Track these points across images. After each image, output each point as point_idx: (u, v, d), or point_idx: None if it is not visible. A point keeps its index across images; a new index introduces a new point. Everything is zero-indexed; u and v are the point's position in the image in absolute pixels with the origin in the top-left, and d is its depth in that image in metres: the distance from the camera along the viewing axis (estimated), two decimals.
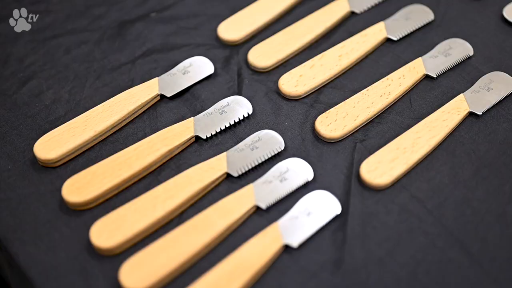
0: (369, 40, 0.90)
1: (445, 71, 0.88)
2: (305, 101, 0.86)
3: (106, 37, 0.94)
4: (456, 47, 0.89)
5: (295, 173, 0.78)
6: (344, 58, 0.88)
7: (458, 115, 0.82)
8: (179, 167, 0.81)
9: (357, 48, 0.89)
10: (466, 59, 0.89)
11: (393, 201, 0.77)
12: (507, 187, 0.78)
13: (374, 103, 0.84)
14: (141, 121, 0.85)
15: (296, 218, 0.75)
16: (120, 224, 0.75)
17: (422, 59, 0.88)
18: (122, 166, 0.79)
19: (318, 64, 0.88)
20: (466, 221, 0.76)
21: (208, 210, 0.76)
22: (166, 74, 0.88)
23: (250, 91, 0.87)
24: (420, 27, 0.93)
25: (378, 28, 0.92)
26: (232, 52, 0.91)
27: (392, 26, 0.92)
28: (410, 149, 0.80)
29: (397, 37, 0.91)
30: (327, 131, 0.82)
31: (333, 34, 0.93)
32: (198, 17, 0.96)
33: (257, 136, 0.81)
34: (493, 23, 0.93)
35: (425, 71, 0.87)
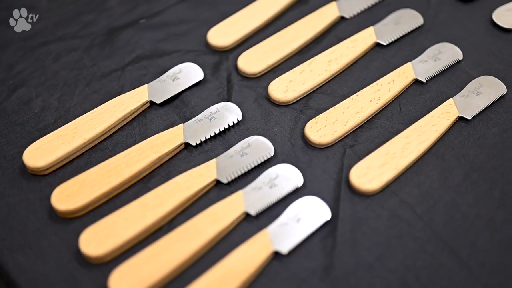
0: (359, 45, 0.90)
1: (435, 76, 0.88)
2: (295, 107, 0.86)
3: (96, 44, 0.93)
4: (446, 51, 0.89)
5: (285, 179, 0.78)
6: (333, 64, 0.88)
7: (448, 120, 0.82)
8: (169, 174, 0.80)
9: (347, 53, 0.89)
10: (455, 63, 0.89)
11: (383, 207, 0.77)
12: (496, 192, 0.78)
13: (363, 108, 0.84)
14: (131, 128, 0.85)
15: (286, 225, 0.75)
16: (109, 232, 0.75)
17: (412, 64, 0.88)
18: (111, 173, 0.79)
19: (307, 69, 0.88)
20: (456, 226, 0.76)
21: (198, 217, 0.76)
22: (155, 81, 0.88)
23: (239, 97, 0.87)
24: (409, 32, 0.93)
25: (368, 33, 0.91)
26: (221, 58, 0.91)
27: (381, 31, 0.92)
28: (400, 154, 0.79)
29: (387, 41, 0.91)
30: (317, 137, 0.82)
31: (323, 39, 0.93)
32: (188, 23, 0.96)
33: (247, 142, 0.81)
34: (482, 27, 0.93)
35: (414, 75, 0.87)
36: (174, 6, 0.98)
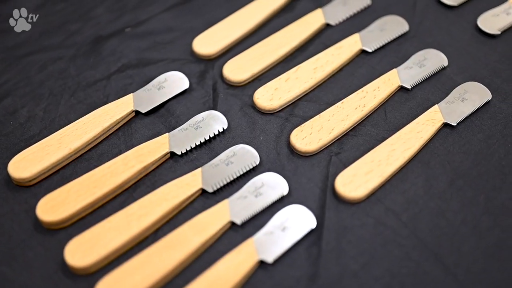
0: (344, 52, 0.90)
1: (420, 82, 0.88)
2: (281, 115, 0.86)
3: (81, 53, 0.93)
4: (431, 57, 0.89)
5: (270, 188, 0.78)
6: (319, 71, 0.88)
7: (433, 127, 0.82)
8: (154, 183, 0.80)
9: (332, 61, 0.89)
10: (440, 69, 0.89)
11: (368, 214, 0.77)
12: (481, 198, 0.78)
13: (349, 115, 0.84)
14: (116, 138, 0.85)
15: (271, 233, 0.75)
16: (94, 243, 0.75)
17: (397, 71, 0.88)
18: (96, 184, 0.79)
19: (293, 77, 0.88)
20: (441, 233, 0.76)
21: (183, 227, 0.76)
22: (141, 90, 0.88)
23: (225, 105, 0.87)
24: (395, 38, 0.93)
25: (353, 40, 0.92)
26: (207, 66, 0.91)
27: (367, 38, 0.92)
28: (385, 162, 0.80)
29: (372, 48, 0.91)
30: (302, 144, 0.82)
31: (309, 47, 0.93)
32: (173, 32, 0.96)
33: (232, 151, 0.81)
34: (467, 33, 0.93)
35: (400, 82, 0.87)
36: (160, 15, 0.98)
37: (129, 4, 0.99)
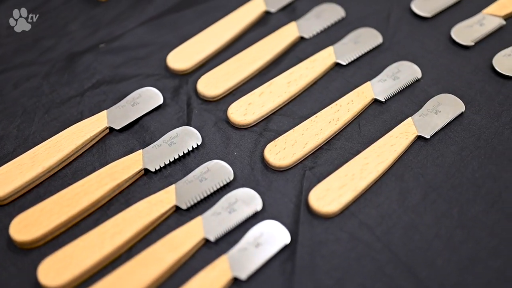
0: (318, 65, 0.90)
1: (394, 95, 0.88)
2: (255, 130, 0.86)
3: (55, 70, 0.93)
4: (404, 70, 0.90)
5: (244, 204, 0.78)
6: (292, 85, 0.88)
7: (406, 139, 0.82)
8: (128, 201, 0.80)
9: (306, 74, 0.89)
10: (414, 81, 0.89)
11: (342, 229, 0.77)
12: (455, 211, 0.78)
13: (322, 129, 0.84)
14: (90, 155, 0.84)
15: (245, 250, 0.75)
16: (68, 262, 0.75)
17: (371, 83, 0.88)
18: (70, 202, 0.78)
19: (267, 91, 0.88)
20: (415, 247, 0.76)
21: (157, 245, 0.76)
22: (114, 107, 0.87)
23: (199, 121, 0.87)
24: (369, 51, 0.93)
25: (327, 53, 0.92)
26: (181, 81, 0.91)
27: (341, 50, 0.92)
28: (359, 176, 0.80)
29: (346, 61, 0.91)
30: (276, 159, 0.82)
31: (283, 60, 0.93)
32: (148, 47, 0.95)
33: (206, 167, 0.81)
34: (441, 44, 0.94)
35: (373, 95, 0.87)
36: (134, 30, 0.98)
37: (104, 19, 0.99)
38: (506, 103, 0.87)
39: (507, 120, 0.85)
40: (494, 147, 0.83)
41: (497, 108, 0.86)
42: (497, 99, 0.87)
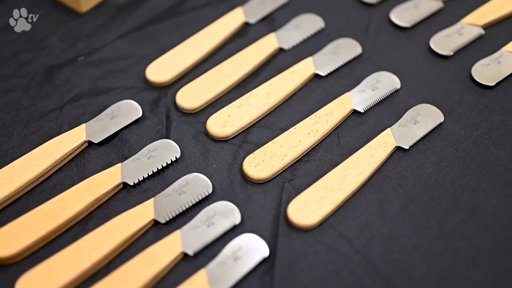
0: (297, 76, 0.90)
1: (373, 105, 0.88)
2: (234, 142, 0.86)
3: (34, 83, 0.93)
4: (384, 80, 0.90)
5: (223, 217, 0.78)
6: (272, 96, 0.88)
7: (385, 151, 0.82)
8: (107, 215, 0.80)
9: (285, 86, 0.89)
10: (393, 92, 0.89)
11: (321, 241, 0.77)
12: (434, 222, 0.78)
13: (301, 141, 0.84)
14: (69, 169, 0.84)
15: (223, 264, 0.75)
16: (46, 278, 0.74)
17: (350, 94, 0.88)
18: (48, 217, 0.78)
19: (246, 103, 0.87)
20: (393, 259, 0.76)
21: (135, 259, 0.75)
22: (93, 120, 0.87)
23: (178, 133, 0.87)
24: (348, 61, 0.93)
25: (306, 64, 0.92)
26: (160, 94, 0.91)
27: (320, 61, 0.92)
28: (337, 187, 0.79)
29: (325, 72, 0.91)
30: (255, 172, 0.81)
31: (262, 71, 0.93)
32: (127, 59, 0.95)
33: (185, 180, 0.81)
34: (420, 54, 0.94)
35: (352, 106, 0.87)
36: (113, 42, 0.98)
37: (83, 32, 0.99)
38: (485, 113, 0.87)
39: (486, 129, 0.85)
40: (473, 157, 0.83)
41: (476, 118, 0.87)
42: (476, 108, 0.87)
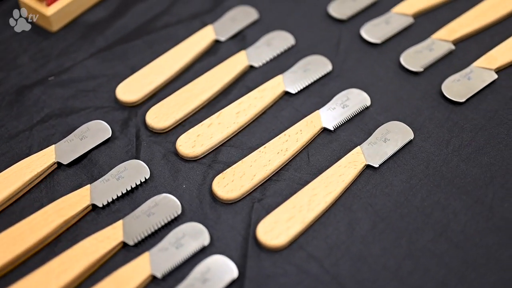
0: (267, 95, 0.90)
1: (343, 123, 0.88)
2: (203, 162, 0.85)
3: (4, 103, 0.92)
4: (354, 97, 0.90)
5: (192, 239, 0.78)
6: (241, 115, 0.88)
7: (355, 169, 0.82)
8: (76, 237, 0.80)
9: (255, 104, 0.89)
10: (363, 109, 0.89)
11: (290, 262, 0.77)
12: (403, 241, 0.78)
13: (271, 160, 0.83)
14: (38, 191, 0.84)
15: (192, 286, 0.75)
16: None
17: (320, 112, 0.88)
18: (16, 241, 0.78)
19: (215, 122, 0.87)
20: (363, 279, 0.76)
21: (104, 282, 0.75)
22: (63, 141, 0.87)
23: (148, 153, 0.86)
24: (318, 79, 0.93)
25: (277, 82, 0.91)
26: (130, 113, 0.91)
27: (290, 79, 0.92)
28: (307, 207, 0.79)
29: (296, 90, 0.91)
30: (224, 192, 0.81)
31: (232, 90, 0.92)
32: (97, 79, 0.95)
33: (154, 201, 0.81)
34: (391, 70, 0.94)
35: (322, 124, 0.87)
36: (84, 61, 0.97)
37: (54, 51, 0.98)
38: (455, 130, 0.87)
39: (456, 147, 0.85)
40: (442, 175, 0.83)
41: (446, 135, 0.87)
42: (446, 125, 0.87)
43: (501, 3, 0.98)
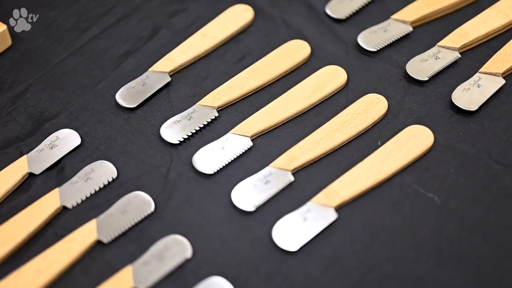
0: (75, 246, 0.80)
1: (160, 281, 0.79)
2: None
3: None
4: (173, 247, 0.80)
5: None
6: (42, 275, 0.78)
7: None
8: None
9: (60, 261, 0.79)
10: (183, 263, 0.79)
11: None
12: None
13: None
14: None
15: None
16: None
17: (133, 268, 0.78)
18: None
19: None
20: None
21: None
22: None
23: None
24: (138, 222, 0.83)
25: (88, 229, 0.81)
26: None
27: (105, 224, 0.82)
28: None
29: (109, 238, 0.81)
30: None
31: (39, 239, 0.82)
32: None
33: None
34: (222, 210, 0.84)
35: (133, 284, 0.77)
36: None
37: None
38: None
39: None
40: None
41: None
42: None
43: None
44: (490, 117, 0.89)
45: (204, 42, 0.98)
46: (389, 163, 0.86)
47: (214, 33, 0.98)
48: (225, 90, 0.92)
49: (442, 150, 0.87)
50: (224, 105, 0.92)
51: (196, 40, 0.98)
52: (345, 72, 0.93)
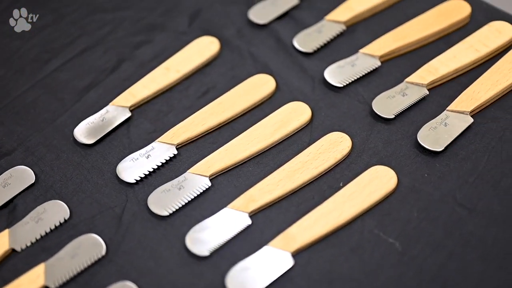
0: None
1: None
2: None
3: None
4: None
5: None
6: None
7: None
8: None
9: None
10: None
11: None
12: None
13: None
14: None
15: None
16: None
17: None
18: None
19: None
20: None
21: None
22: None
23: None
24: (87, 267, 0.80)
25: (36, 274, 0.79)
26: None
27: (54, 269, 0.79)
28: None
29: (56, 284, 0.78)
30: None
31: None
32: None
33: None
34: (175, 253, 0.81)
35: None
36: None
37: None
38: None
39: None
40: None
41: None
42: None
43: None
44: (456, 158, 0.85)
45: (167, 76, 0.95)
46: (350, 206, 0.83)
47: (178, 66, 0.96)
48: (185, 126, 0.90)
49: (405, 192, 0.84)
50: (183, 142, 0.89)
51: (159, 74, 0.95)
52: (309, 108, 0.90)
